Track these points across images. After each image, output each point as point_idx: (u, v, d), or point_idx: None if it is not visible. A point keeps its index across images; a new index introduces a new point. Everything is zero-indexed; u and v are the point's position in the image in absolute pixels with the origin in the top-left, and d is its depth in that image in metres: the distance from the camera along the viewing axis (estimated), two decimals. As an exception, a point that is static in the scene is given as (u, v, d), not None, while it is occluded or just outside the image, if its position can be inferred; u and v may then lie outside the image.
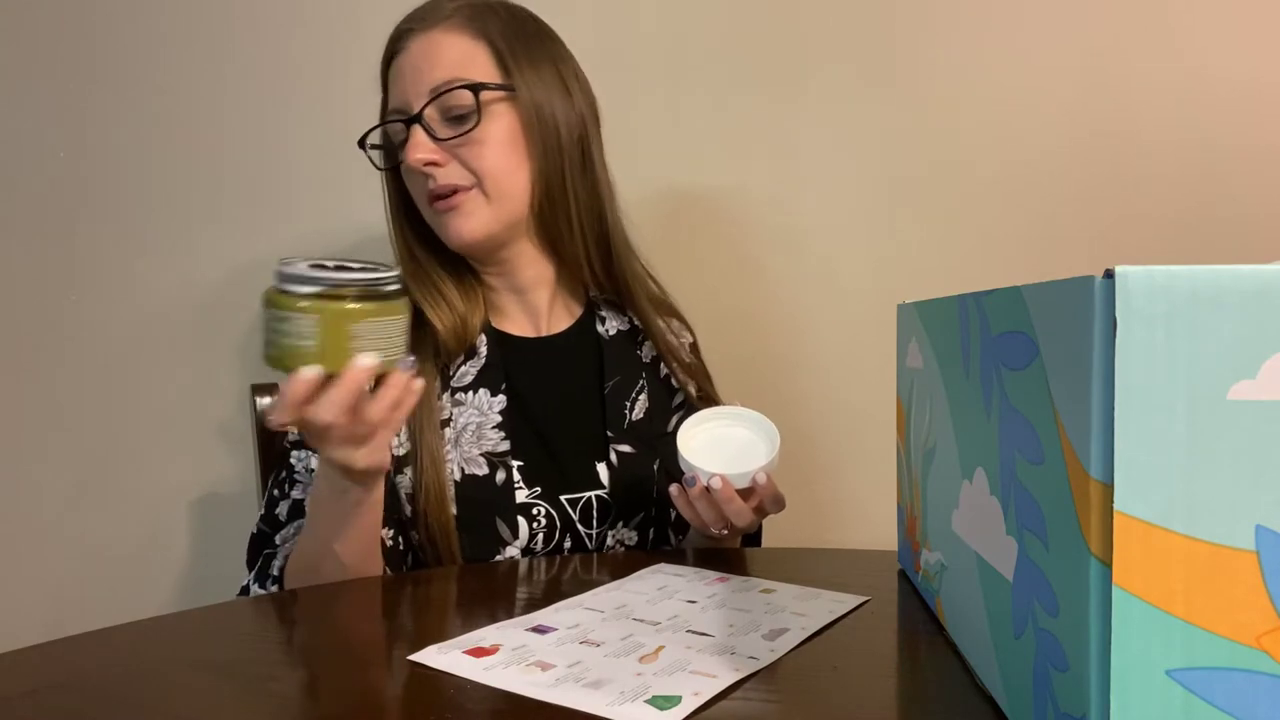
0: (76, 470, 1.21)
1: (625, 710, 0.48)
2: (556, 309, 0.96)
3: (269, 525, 0.86)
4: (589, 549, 0.89)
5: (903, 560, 0.75)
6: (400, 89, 0.86)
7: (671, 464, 0.82)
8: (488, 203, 0.86)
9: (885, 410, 1.10)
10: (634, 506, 0.91)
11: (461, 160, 0.85)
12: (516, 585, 0.75)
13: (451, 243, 0.87)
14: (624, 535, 0.91)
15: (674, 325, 1.01)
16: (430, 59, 0.84)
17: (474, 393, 0.88)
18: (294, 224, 1.21)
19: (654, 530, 0.93)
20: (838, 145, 1.17)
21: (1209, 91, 1.10)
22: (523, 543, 0.86)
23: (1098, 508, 0.34)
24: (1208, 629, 0.34)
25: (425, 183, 0.85)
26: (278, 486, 0.86)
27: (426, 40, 0.85)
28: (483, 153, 0.84)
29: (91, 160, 1.20)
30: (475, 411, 0.87)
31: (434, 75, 0.84)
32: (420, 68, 0.84)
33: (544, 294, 0.94)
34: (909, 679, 0.54)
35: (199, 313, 1.21)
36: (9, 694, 0.52)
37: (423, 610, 0.70)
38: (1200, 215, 1.11)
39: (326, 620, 0.67)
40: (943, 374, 0.59)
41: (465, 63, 0.84)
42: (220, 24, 1.20)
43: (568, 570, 0.79)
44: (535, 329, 0.94)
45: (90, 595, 1.21)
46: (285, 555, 0.80)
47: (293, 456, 0.86)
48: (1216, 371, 0.33)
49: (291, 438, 0.86)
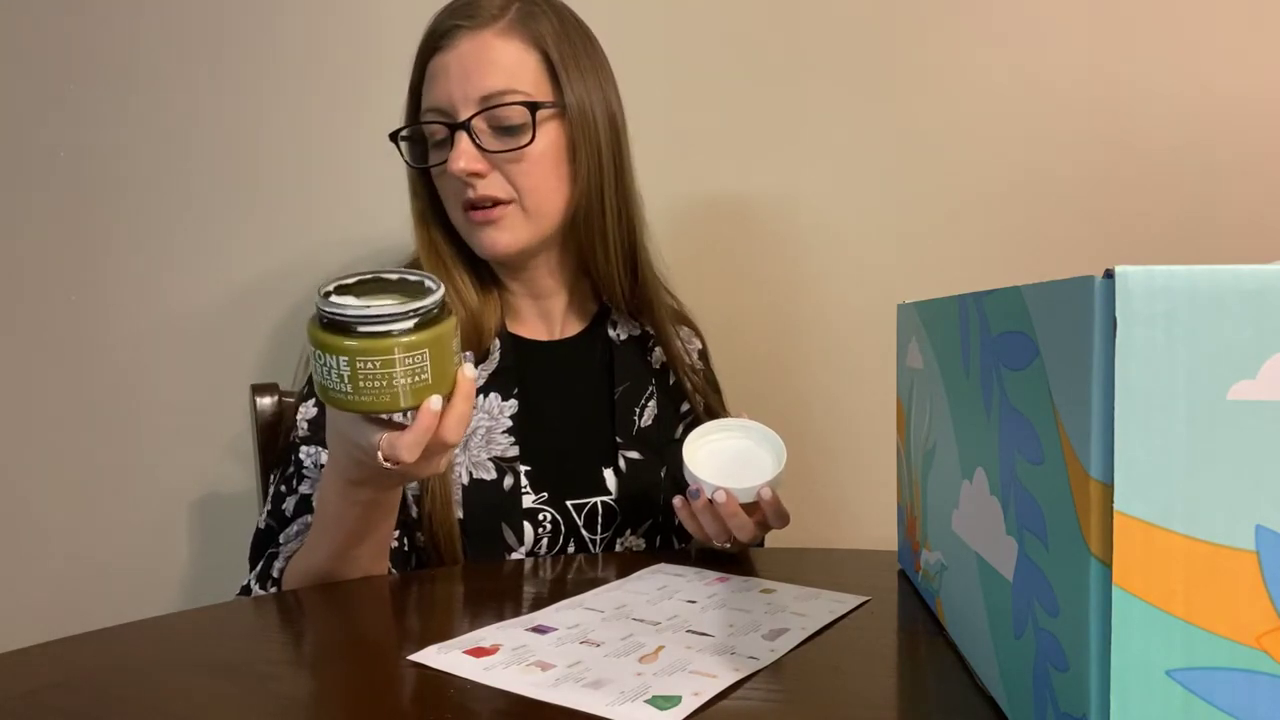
0: (77, 470, 1.21)
1: (625, 710, 0.48)
2: (571, 314, 0.96)
3: (275, 521, 0.85)
4: (593, 552, 0.89)
5: (903, 560, 0.75)
6: (444, 89, 0.83)
7: (678, 472, 0.82)
8: (525, 219, 0.85)
9: (885, 410, 1.10)
10: (642, 514, 0.90)
11: (505, 173, 0.83)
12: (516, 585, 0.74)
13: (483, 253, 0.87)
14: (632, 543, 0.91)
15: (683, 332, 1.01)
16: (481, 64, 0.82)
17: (484, 396, 0.88)
18: (294, 224, 1.21)
19: (661, 538, 0.93)
20: (838, 146, 1.17)
21: (1209, 91, 1.10)
22: (527, 547, 0.86)
23: (1098, 508, 0.34)
24: (1208, 629, 0.34)
25: (463, 190, 0.83)
26: (285, 482, 0.86)
27: (478, 42, 0.82)
28: (529, 170, 0.83)
29: (91, 160, 1.20)
30: (485, 415, 0.87)
31: (485, 83, 0.81)
32: (470, 72, 0.82)
33: (561, 300, 0.94)
34: (909, 679, 0.54)
35: (200, 313, 1.21)
36: (9, 694, 0.52)
37: (423, 610, 0.70)
38: (1200, 216, 1.11)
39: (326, 620, 0.67)
40: (943, 374, 0.59)
41: (518, 72, 0.82)
42: (232, 23, 1.20)
43: (568, 570, 0.79)
44: (549, 333, 0.94)
45: (90, 595, 1.21)
46: (286, 557, 0.80)
47: (301, 452, 0.85)
48: (1216, 371, 0.33)
49: (301, 434, 0.86)
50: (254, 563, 0.84)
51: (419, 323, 0.58)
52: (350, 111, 1.19)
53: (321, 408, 0.85)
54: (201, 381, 1.21)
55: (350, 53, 1.19)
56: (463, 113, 0.82)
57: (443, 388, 0.61)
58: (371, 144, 0.96)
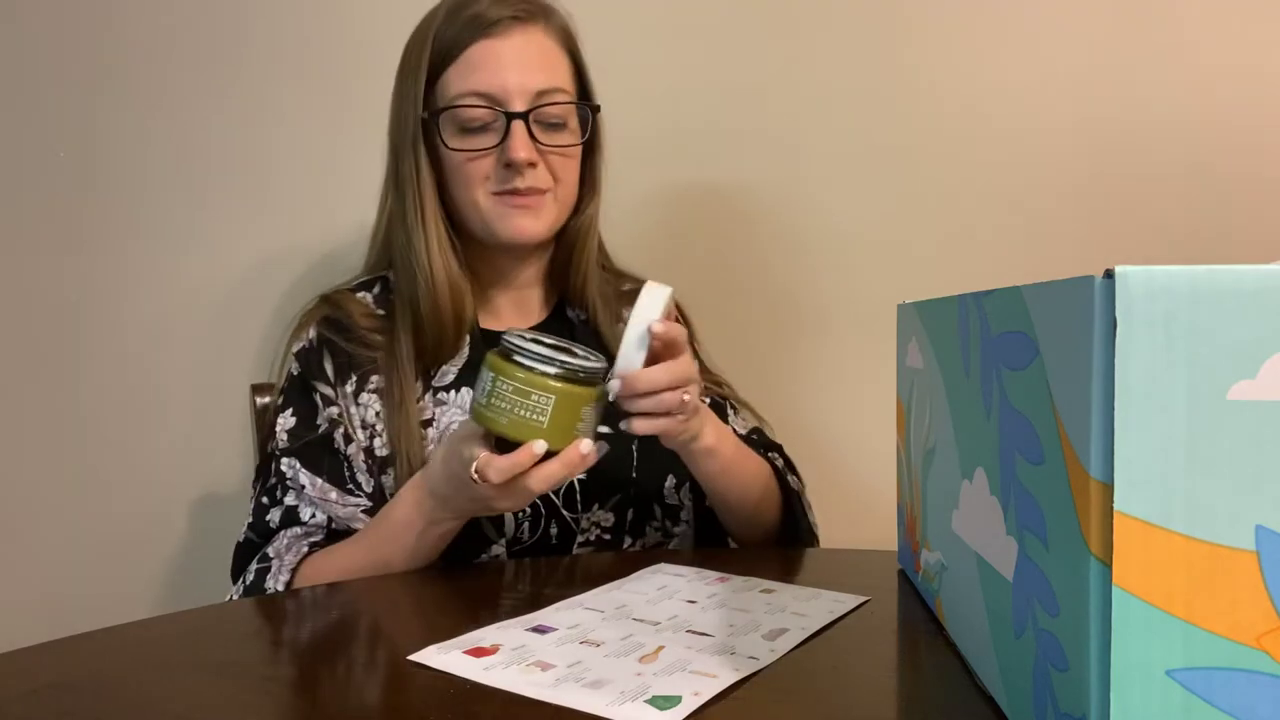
0: (75, 470, 1.21)
1: (625, 710, 0.48)
2: (542, 302, 0.97)
3: (258, 534, 0.85)
4: (574, 532, 0.87)
5: (903, 560, 0.75)
6: (496, 75, 0.84)
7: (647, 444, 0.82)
8: (556, 209, 0.89)
9: (885, 410, 1.10)
10: (610, 488, 0.89)
11: (549, 166, 0.87)
12: (516, 585, 0.75)
13: (509, 236, 0.87)
14: (600, 517, 0.89)
15: None
16: (534, 59, 0.85)
17: (456, 391, 0.88)
18: (294, 224, 1.21)
19: (633, 512, 0.90)
20: (838, 146, 1.17)
21: (1210, 91, 1.10)
22: (509, 535, 0.85)
23: (1098, 508, 0.34)
24: (1208, 629, 0.34)
25: (509, 177, 0.85)
26: (266, 494, 0.86)
27: (532, 37, 0.86)
28: (569, 165, 0.89)
29: (91, 159, 1.20)
30: (458, 410, 0.87)
31: (539, 78, 0.85)
32: (526, 64, 0.84)
33: (537, 291, 0.97)
34: (909, 679, 0.54)
35: (199, 312, 1.21)
36: (9, 694, 0.52)
37: (423, 610, 0.70)
38: (1200, 215, 1.11)
39: (326, 620, 0.67)
40: (943, 374, 0.59)
41: (562, 72, 0.88)
42: (225, 23, 1.19)
43: (568, 570, 0.79)
44: (521, 321, 0.95)
45: (89, 595, 1.21)
46: (291, 571, 0.80)
47: (283, 464, 0.85)
48: (1216, 371, 0.33)
49: (281, 445, 0.86)
50: (237, 575, 0.84)
51: (559, 374, 0.67)
52: (361, 114, 1.19)
53: (300, 418, 0.87)
54: (201, 381, 1.21)
55: (343, 52, 1.19)
56: (517, 103, 0.84)
57: (554, 441, 0.68)
58: (371, 143, 0.96)
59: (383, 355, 0.88)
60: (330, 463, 0.85)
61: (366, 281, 0.94)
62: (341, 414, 0.87)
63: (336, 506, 0.84)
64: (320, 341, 0.89)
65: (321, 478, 0.85)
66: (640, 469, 0.90)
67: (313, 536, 0.84)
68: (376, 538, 0.80)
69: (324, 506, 0.84)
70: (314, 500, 0.84)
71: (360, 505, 0.85)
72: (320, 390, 0.88)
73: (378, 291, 0.93)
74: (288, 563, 0.81)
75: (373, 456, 0.86)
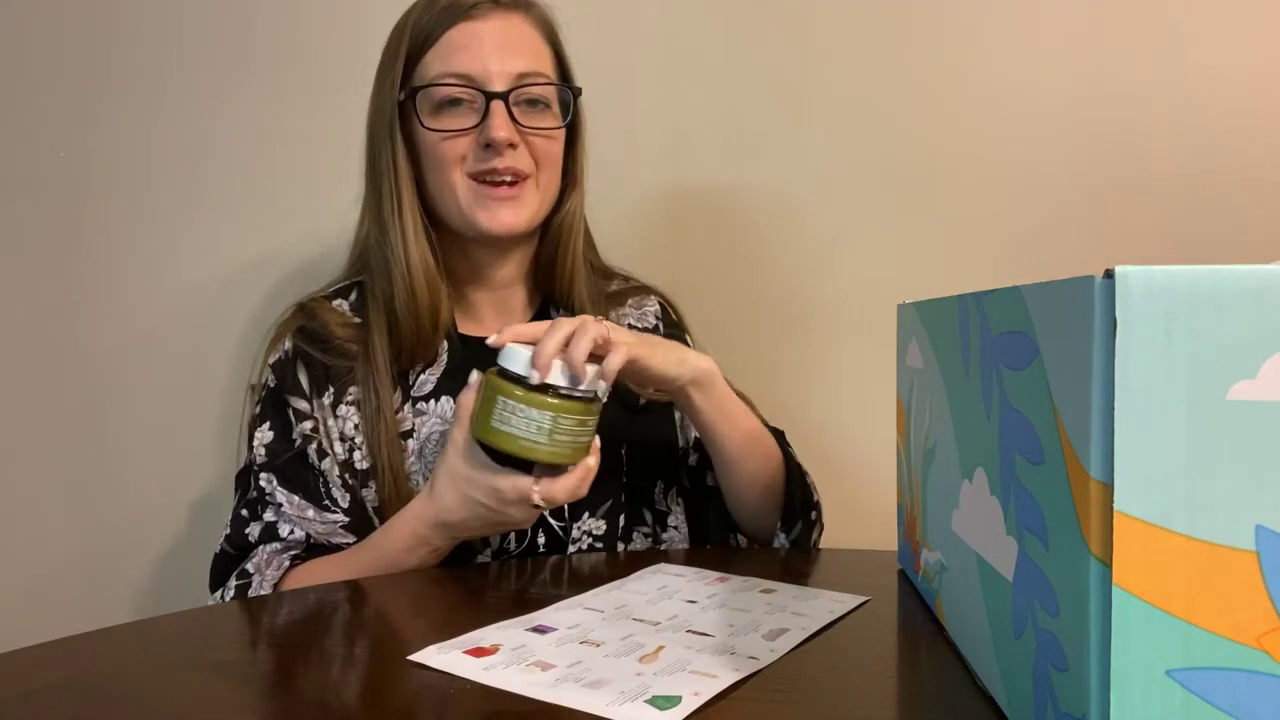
0: (71, 471, 1.21)
1: (625, 710, 0.48)
2: (525, 305, 0.95)
3: (235, 547, 0.84)
4: (563, 541, 0.86)
5: (903, 560, 0.75)
6: (477, 57, 0.83)
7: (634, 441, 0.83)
8: (538, 195, 0.87)
9: (885, 410, 1.10)
10: (600, 494, 0.86)
11: (531, 149, 0.85)
12: (516, 585, 0.75)
13: (492, 229, 0.84)
14: (591, 526, 0.88)
15: (625, 310, 0.98)
16: (515, 42, 0.85)
17: (435, 401, 0.86)
18: (291, 224, 1.20)
19: (624, 518, 0.89)
20: (838, 145, 1.17)
21: (1210, 91, 1.10)
22: (494, 545, 0.85)
23: (1098, 508, 0.34)
24: (1208, 629, 0.34)
25: (487, 157, 0.82)
26: (246, 506, 0.85)
27: (512, 21, 0.86)
28: (551, 150, 0.87)
29: (89, 160, 1.20)
30: (438, 420, 0.86)
31: (519, 61, 0.84)
32: (505, 46, 0.84)
33: (520, 290, 0.94)
34: (909, 679, 0.54)
35: (195, 313, 1.21)
36: (8, 694, 0.52)
37: (422, 610, 0.70)
38: (1200, 215, 1.11)
39: (326, 620, 0.67)
40: (943, 374, 0.59)
41: (543, 58, 0.87)
42: (225, 24, 1.19)
43: (568, 570, 0.79)
44: (503, 325, 0.93)
45: (86, 595, 1.21)
46: (273, 586, 0.79)
47: (262, 479, 0.84)
48: (1216, 371, 0.33)
49: (260, 460, 0.84)
50: (215, 587, 0.84)
51: (564, 389, 0.70)
52: (351, 114, 1.19)
53: (276, 433, 0.85)
54: (198, 382, 1.21)
55: (343, 52, 1.18)
56: (497, 84, 0.83)
57: (571, 456, 0.73)
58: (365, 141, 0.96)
59: (359, 364, 0.85)
60: (307, 480, 0.84)
61: (343, 287, 0.92)
62: (317, 428, 0.84)
63: (315, 524, 0.83)
64: (295, 354, 0.87)
65: (299, 495, 0.83)
66: (631, 474, 0.90)
67: (292, 550, 0.82)
68: (368, 558, 0.79)
69: (302, 524, 0.83)
70: (292, 518, 0.83)
71: (339, 521, 0.83)
72: (294, 405, 0.85)
73: (354, 298, 0.91)
74: (269, 578, 0.80)
75: (352, 470, 0.84)
